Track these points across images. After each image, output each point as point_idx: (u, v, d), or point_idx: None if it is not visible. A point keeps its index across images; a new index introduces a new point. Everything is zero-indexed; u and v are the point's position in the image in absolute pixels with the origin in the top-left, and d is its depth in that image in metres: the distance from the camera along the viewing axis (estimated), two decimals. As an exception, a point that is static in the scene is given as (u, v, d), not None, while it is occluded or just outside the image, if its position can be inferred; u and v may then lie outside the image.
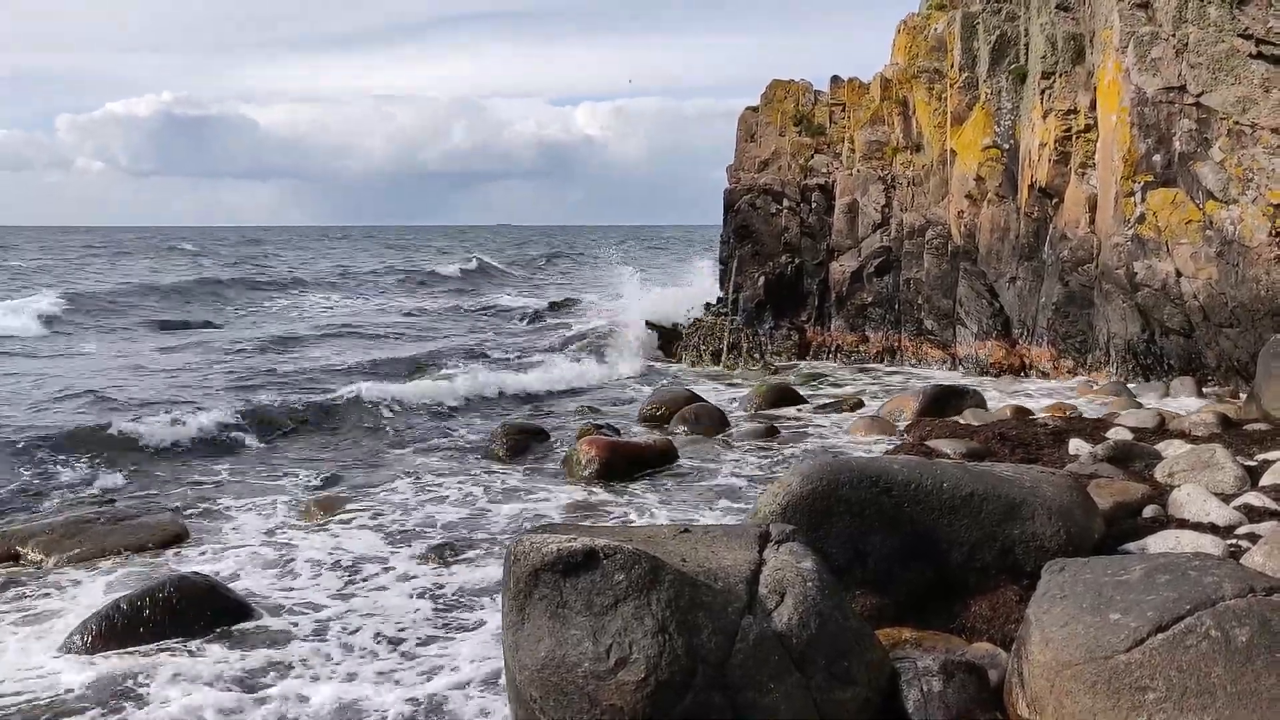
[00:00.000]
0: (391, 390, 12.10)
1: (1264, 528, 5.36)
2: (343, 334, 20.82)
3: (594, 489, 8.19)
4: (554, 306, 26.79)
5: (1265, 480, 6.32)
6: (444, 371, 14.40)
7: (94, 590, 5.89)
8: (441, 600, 5.80)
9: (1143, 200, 11.83)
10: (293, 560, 6.50)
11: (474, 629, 5.37)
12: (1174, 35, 11.68)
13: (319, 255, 58.41)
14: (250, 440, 10.08)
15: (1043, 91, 13.53)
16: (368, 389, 12.00)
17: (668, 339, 17.21)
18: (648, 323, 17.43)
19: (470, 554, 6.56)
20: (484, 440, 10.01)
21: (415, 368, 15.12)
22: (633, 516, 7.39)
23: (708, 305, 17.77)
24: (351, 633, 5.36)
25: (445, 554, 6.54)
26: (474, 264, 44.55)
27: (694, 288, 19.43)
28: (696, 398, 11.39)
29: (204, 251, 57.64)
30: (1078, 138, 13.20)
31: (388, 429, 10.94)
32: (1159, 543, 5.19)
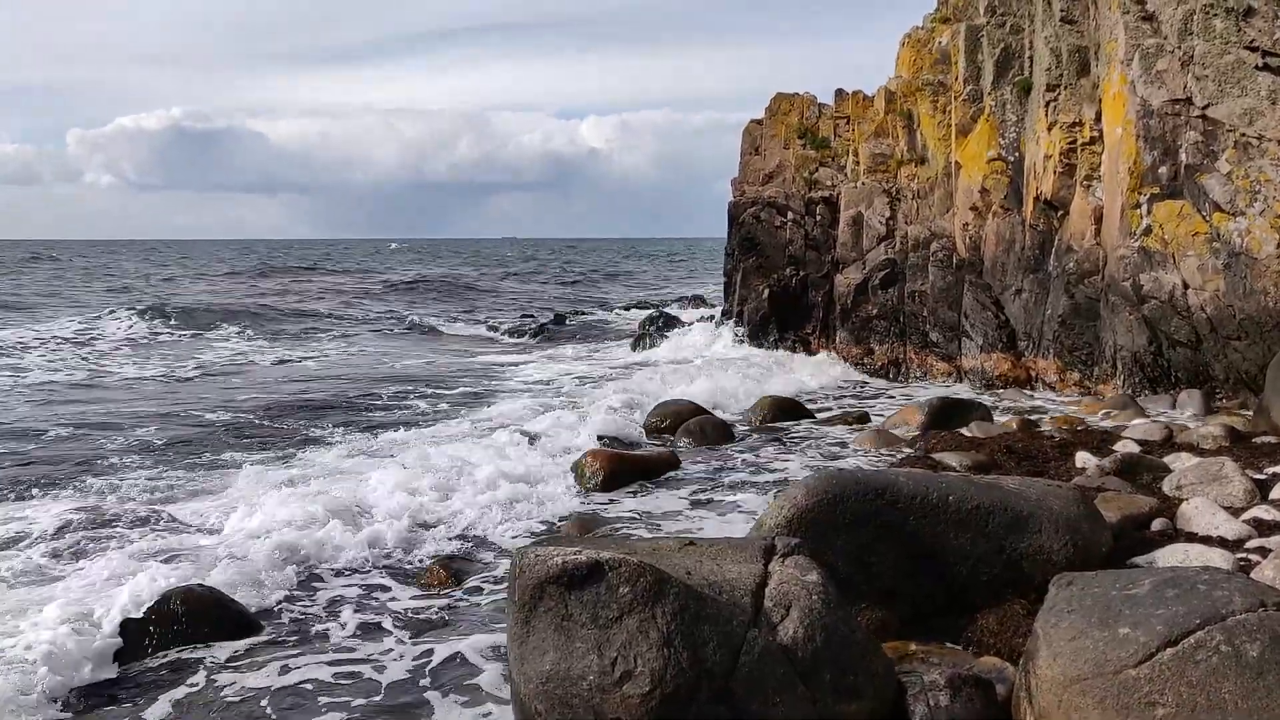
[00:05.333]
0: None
1: (1274, 541, 5.33)
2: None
3: (599, 500, 8.16)
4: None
5: (1275, 494, 6.27)
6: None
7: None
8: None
9: (1149, 212, 11.80)
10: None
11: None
12: (1179, 47, 11.67)
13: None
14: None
15: (1047, 104, 13.52)
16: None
17: None
18: None
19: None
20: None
21: None
22: (637, 528, 7.36)
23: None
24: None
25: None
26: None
27: None
28: (700, 410, 11.36)
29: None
30: (1083, 150, 13.18)
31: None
32: (1168, 556, 5.16)
